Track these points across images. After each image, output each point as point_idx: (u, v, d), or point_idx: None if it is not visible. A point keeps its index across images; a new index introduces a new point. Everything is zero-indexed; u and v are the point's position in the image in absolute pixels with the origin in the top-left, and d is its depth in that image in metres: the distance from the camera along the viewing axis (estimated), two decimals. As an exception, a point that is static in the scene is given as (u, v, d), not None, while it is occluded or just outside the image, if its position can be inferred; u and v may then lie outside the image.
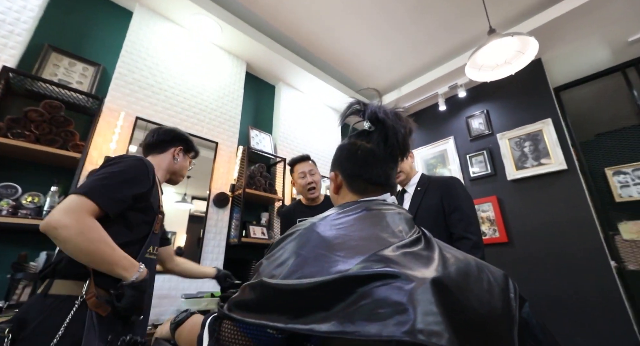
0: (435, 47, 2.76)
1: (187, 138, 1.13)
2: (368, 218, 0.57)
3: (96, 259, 0.71)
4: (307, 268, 0.44)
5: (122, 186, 0.80)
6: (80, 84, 1.70)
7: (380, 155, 0.63)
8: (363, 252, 0.46)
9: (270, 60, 2.62)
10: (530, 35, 1.60)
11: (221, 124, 2.28)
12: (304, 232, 0.52)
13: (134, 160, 0.86)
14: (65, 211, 0.69)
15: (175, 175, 1.10)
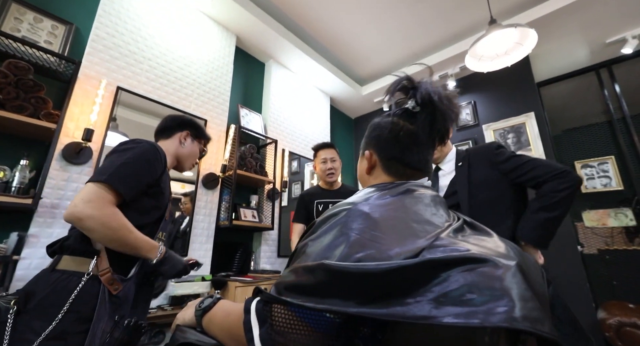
0: (428, 35, 2.75)
1: (195, 123, 1.09)
2: (412, 200, 0.56)
3: (120, 244, 0.75)
4: (365, 250, 0.41)
5: (140, 172, 0.80)
6: (49, 44, 1.49)
7: (424, 139, 0.60)
8: (420, 235, 0.44)
9: (262, 35, 2.47)
10: (530, 27, 1.63)
11: (210, 100, 2.13)
12: (351, 213, 0.49)
13: (148, 145, 0.86)
14: (87, 201, 0.70)
15: (183, 161, 1.05)
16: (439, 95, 0.58)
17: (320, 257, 0.42)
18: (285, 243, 2.43)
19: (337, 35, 2.75)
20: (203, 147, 1.12)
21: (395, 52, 2.97)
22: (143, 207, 0.83)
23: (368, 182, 0.65)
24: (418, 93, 0.58)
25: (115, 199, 0.75)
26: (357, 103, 3.66)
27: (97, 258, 0.74)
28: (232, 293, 1.66)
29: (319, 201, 1.79)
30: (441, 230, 0.47)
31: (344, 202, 0.55)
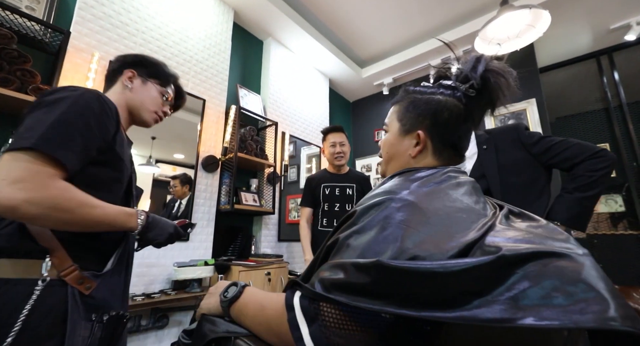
0: (431, 18, 2.67)
1: (144, 59, 0.82)
2: (455, 187, 0.53)
3: (85, 226, 0.57)
4: (419, 245, 0.38)
5: (85, 131, 0.57)
6: (31, 10, 1.35)
7: (474, 124, 0.57)
8: (470, 226, 0.42)
9: (262, 10, 2.33)
10: (544, 9, 1.58)
11: (208, 79, 2.03)
12: (396, 202, 0.45)
13: (90, 93, 0.61)
14: (14, 181, 0.48)
15: (136, 111, 0.79)
16: (504, 82, 0.53)
17: (369, 252, 0.40)
18: (285, 227, 2.42)
19: (338, 14, 2.63)
20: (165, 89, 0.83)
21: (397, 34, 2.88)
22: (98, 180, 0.62)
23: (408, 164, 0.59)
24: (477, 75, 0.53)
25: (57, 171, 0.53)
26: (356, 86, 3.57)
27: (50, 257, 0.56)
28: (236, 277, 1.65)
29: (326, 184, 1.78)
30: (488, 220, 0.45)
31: (384, 189, 0.50)
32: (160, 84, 0.83)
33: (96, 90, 0.64)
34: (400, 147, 0.61)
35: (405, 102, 0.63)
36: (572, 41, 2.78)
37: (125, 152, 0.70)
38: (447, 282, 0.33)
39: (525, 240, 0.37)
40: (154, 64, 0.83)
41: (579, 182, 0.97)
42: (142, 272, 1.50)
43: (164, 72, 0.84)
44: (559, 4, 2.31)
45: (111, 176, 0.66)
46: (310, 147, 2.87)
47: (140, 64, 0.81)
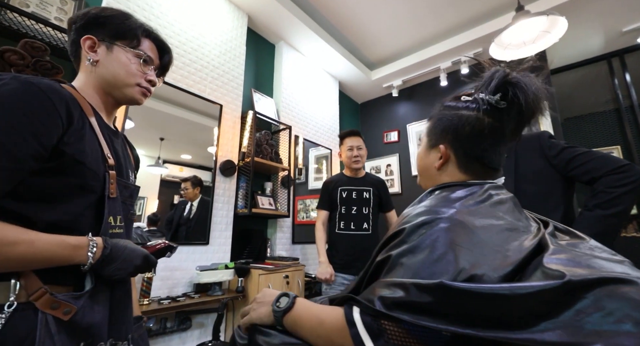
0: (442, 20, 2.67)
1: (94, 16, 0.62)
2: (498, 204, 0.54)
3: (10, 268, 0.45)
4: (477, 266, 0.40)
5: (7, 139, 0.44)
6: (60, 21, 1.38)
7: (508, 137, 0.58)
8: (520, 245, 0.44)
9: (274, 14, 2.35)
10: (561, 15, 1.59)
11: (224, 84, 2.05)
12: (445, 221, 0.47)
13: (17, 82, 0.47)
14: None
15: (113, 89, 0.63)
16: (534, 94, 0.53)
17: (425, 272, 0.42)
18: (299, 230, 2.45)
19: (349, 16, 2.64)
20: (138, 51, 0.64)
21: (408, 36, 2.89)
22: (50, 192, 0.50)
23: (436, 177, 0.63)
24: (517, 91, 0.54)
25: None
26: (365, 88, 3.59)
27: (19, 278, 0.46)
28: (256, 280, 1.68)
29: (343, 188, 1.80)
30: (534, 236, 0.47)
31: (429, 208, 0.52)
32: (129, 44, 0.63)
33: (32, 77, 0.49)
34: (427, 160, 0.65)
35: (435, 118, 0.65)
36: (584, 43, 2.78)
37: (86, 148, 0.54)
38: (513, 304, 0.35)
39: (584, 263, 0.38)
40: (112, 17, 0.62)
41: (599, 198, 0.90)
42: (165, 276, 1.54)
43: (128, 26, 0.63)
44: (571, 8, 2.31)
45: (68, 184, 0.51)
46: (318, 149, 2.89)
47: (96, 25, 0.61)
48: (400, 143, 3.43)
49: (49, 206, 0.49)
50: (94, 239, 0.52)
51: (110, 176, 0.58)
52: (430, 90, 3.32)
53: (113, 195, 0.58)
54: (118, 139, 0.67)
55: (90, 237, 0.52)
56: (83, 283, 0.53)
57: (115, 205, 0.59)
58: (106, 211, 0.56)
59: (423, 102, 3.36)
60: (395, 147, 3.46)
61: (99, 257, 0.52)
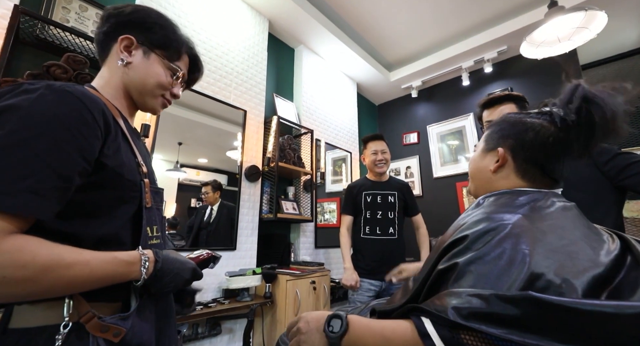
0: (464, 19, 2.60)
1: (143, 17, 0.59)
2: (563, 212, 0.53)
3: (62, 290, 0.42)
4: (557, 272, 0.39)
5: (47, 158, 0.39)
6: (95, 34, 1.43)
7: (577, 151, 0.55)
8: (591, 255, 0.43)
9: (294, 18, 2.36)
10: (600, 9, 1.51)
11: (248, 90, 2.07)
12: (513, 229, 0.46)
13: (51, 92, 0.42)
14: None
15: (137, 95, 0.60)
16: (608, 110, 0.50)
17: (500, 280, 0.40)
18: (321, 234, 2.43)
19: (368, 18, 2.61)
20: (176, 66, 0.61)
21: (428, 36, 2.83)
22: (95, 207, 0.47)
23: (491, 181, 0.61)
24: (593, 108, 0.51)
25: (13, 226, 0.37)
26: (383, 90, 3.55)
27: (71, 297, 0.44)
28: (283, 286, 1.68)
29: (367, 192, 1.78)
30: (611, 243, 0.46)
31: (490, 214, 0.51)
32: (168, 57, 0.60)
33: (65, 84, 0.45)
34: (481, 163, 0.64)
35: (495, 126, 0.65)
36: (618, 37, 2.65)
37: (122, 157, 0.51)
38: (624, 324, 0.33)
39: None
40: (161, 25, 0.59)
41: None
42: (195, 282, 1.55)
43: (175, 39, 0.61)
44: (607, 1, 2.20)
45: (108, 197, 0.49)
46: (334, 151, 2.86)
47: (141, 27, 0.58)
48: (421, 144, 3.36)
49: (93, 221, 0.47)
50: (145, 253, 0.50)
51: (145, 185, 0.55)
52: (451, 90, 3.25)
53: (149, 205, 0.56)
54: (140, 141, 0.64)
55: (142, 251, 0.50)
56: (128, 299, 0.51)
57: (151, 215, 0.57)
58: (144, 221, 0.54)
59: (444, 102, 3.29)
60: (415, 148, 3.40)
61: (152, 271, 0.50)
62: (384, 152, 1.80)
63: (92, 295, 0.46)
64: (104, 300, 0.48)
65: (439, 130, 3.24)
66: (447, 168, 3.10)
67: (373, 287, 1.62)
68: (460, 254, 0.46)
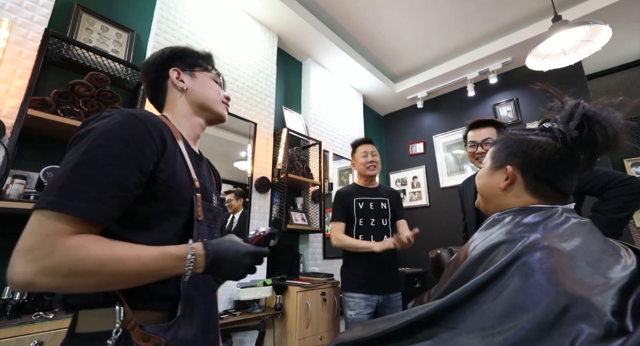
0: (469, 31, 2.66)
1: (174, 52, 0.69)
2: (580, 227, 0.54)
3: (119, 282, 0.45)
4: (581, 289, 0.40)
5: (110, 170, 0.45)
6: (116, 53, 1.50)
7: (583, 164, 0.58)
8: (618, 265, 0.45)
9: (302, 33, 2.43)
10: (604, 23, 1.55)
11: (258, 103, 2.13)
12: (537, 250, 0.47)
13: (121, 116, 0.49)
14: (27, 250, 0.40)
15: (207, 108, 0.68)
16: (610, 128, 0.53)
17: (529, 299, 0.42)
18: (330, 245, 2.43)
19: (374, 31, 2.68)
20: (213, 73, 0.72)
21: (433, 48, 2.89)
22: (146, 219, 0.51)
23: (501, 198, 0.63)
24: (594, 124, 0.54)
25: (73, 227, 0.42)
26: (389, 101, 3.60)
27: (120, 304, 0.47)
28: (294, 297, 1.68)
29: (359, 199, 1.66)
30: (628, 258, 0.48)
31: (508, 234, 0.52)
32: (205, 69, 0.70)
33: (133, 109, 0.52)
34: (491, 181, 0.65)
35: (500, 143, 0.67)
36: (623, 48, 2.67)
37: (176, 172, 0.55)
38: None
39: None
40: (186, 50, 0.70)
41: (612, 203, 1.02)
42: (207, 292, 1.56)
43: (200, 55, 0.71)
44: (611, 13, 2.24)
45: (158, 209, 0.52)
46: (341, 161, 2.88)
47: (175, 59, 0.68)
48: (427, 154, 3.38)
49: (145, 232, 0.50)
50: (194, 246, 0.50)
51: (197, 199, 0.58)
52: (457, 100, 3.28)
53: (200, 218, 0.58)
54: (203, 164, 0.69)
55: (190, 245, 0.50)
56: (174, 308, 0.52)
57: (201, 228, 0.58)
58: (195, 233, 0.55)
59: (449, 112, 3.32)
60: (422, 158, 3.41)
61: (202, 265, 0.50)
62: (374, 154, 1.71)
63: (139, 303, 0.49)
64: (150, 308, 0.50)
65: (445, 140, 3.26)
66: (454, 178, 3.10)
67: (370, 302, 1.49)
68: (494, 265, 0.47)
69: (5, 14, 1.12)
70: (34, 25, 1.17)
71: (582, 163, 0.58)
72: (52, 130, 1.16)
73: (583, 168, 0.60)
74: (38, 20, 1.19)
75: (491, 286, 0.47)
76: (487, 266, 0.50)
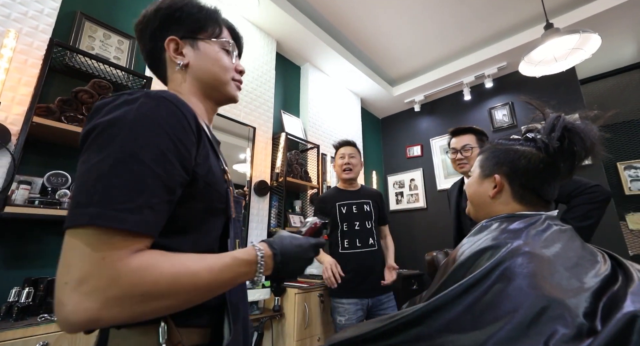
0: (466, 36, 2.71)
1: (169, 13, 0.53)
2: (560, 234, 0.58)
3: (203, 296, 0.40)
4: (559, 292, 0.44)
5: (155, 170, 0.37)
6: (117, 59, 1.53)
7: (564, 172, 0.62)
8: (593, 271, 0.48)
9: (301, 38, 2.47)
10: (594, 32, 1.59)
11: (257, 108, 2.16)
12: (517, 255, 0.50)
13: (149, 101, 0.40)
14: (82, 280, 0.31)
15: (214, 89, 0.56)
16: (588, 140, 0.58)
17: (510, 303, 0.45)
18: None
19: (372, 36, 2.73)
20: (224, 40, 0.57)
21: (430, 52, 2.94)
22: (189, 222, 0.44)
23: (490, 205, 0.67)
24: (575, 140, 0.58)
25: (131, 244, 0.34)
26: (386, 104, 3.64)
27: (166, 321, 0.41)
28: (292, 299, 1.71)
29: (341, 203, 1.65)
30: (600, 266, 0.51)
31: (494, 240, 0.56)
32: (212, 34, 0.55)
33: (160, 91, 0.42)
34: (480, 189, 0.69)
35: (487, 152, 0.71)
36: (616, 53, 2.72)
37: (207, 163, 0.47)
38: None
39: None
40: (187, 8, 0.54)
41: (575, 212, 1.03)
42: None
43: (207, 14, 0.56)
44: (603, 20, 2.29)
45: (197, 210, 0.45)
46: None
47: (173, 22, 0.53)
48: (424, 157, 3.42)
49: (184, 238, 0.43)
50: (261, 247, 0.45)
51: (231, 193, 0.50)
52: (454, 104, 3.33)
53: (234, 216, 0.50)
54: (218, 147, 0.58)
55: (257, 247, 0.45)
56: (218, 324, 0.46)
57: (236, 227, 0.52)
58: (231, 234, 0.48)
59: (446, 116, 3.37)
60: (419, 161, 3.45)
61: (271, 266, 0.46)
62: (351, 156, 1.67)
63: (182, 320, 0.42)
64: (194, 326, 0.44)
65: (442, 143, 3.30)
66: (450, 180, 3.14)
67: (360, 307, 1.49)
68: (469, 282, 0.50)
69: (11, 23, 1.15)
70: (38, 34, 1.20)
71: (563, 172, 0.63)
72: (55, 136, 1.19)
73: (563, 177, 0.64)
74: (43, 29, 1.22)
75: (476, 289, 0.50)
76: (473, 270, 0.54)
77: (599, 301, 0.44)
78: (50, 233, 1.20)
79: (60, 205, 1.13)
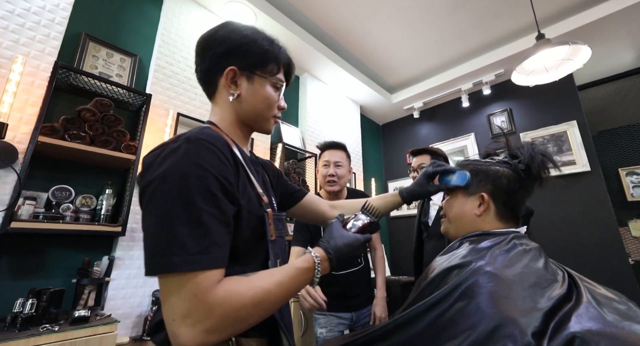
0: (463, 44, 2.73)
1: (238, 42, 0.56)
2: (524, 254, 0.60)
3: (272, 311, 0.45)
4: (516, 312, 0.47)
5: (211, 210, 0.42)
6: (119, 77, 1.60)
7: (531, 191, 0.69)
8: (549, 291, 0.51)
9: (300, 50, 2.53)
10: (584, 43, 1.60)
11: (255, 119, 2.22)
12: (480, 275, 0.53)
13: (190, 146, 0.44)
14: (185, 315, 0.38)
15: (252, 124, 0.60)
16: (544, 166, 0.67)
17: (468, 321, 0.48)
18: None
19: (370, 45, 2.77)
20: (278, 77, 0.59)
21: (428, 60, 2.97)
22: (239, 250, 0.48)
23: (475, 223, 0.69)
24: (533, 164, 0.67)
25: (214, 278, 0.40)
26: (386, 111, 3.67)
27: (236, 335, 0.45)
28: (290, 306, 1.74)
29: None
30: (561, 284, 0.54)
31: (463, 258, 0.59)
32: (270, 72, 0.58)
33: (197, 133, 0.46)
34: (465, 207, 0.71)
35: (469, 170, 0.74)
36: (614, 59, 2.72)
37: (249, 195, 0.51)
38: None
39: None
40: (256, 43, 0.56)
41: None
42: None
43: (273, 53, 0.57)
44: (596, 28, 2.30)
45: (247, 237, 0.49)
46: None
47: (238, 53, 0.55)
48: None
49: (236, 267, 0.46)
50: (317, 254, 0.50)
51: (268, 215, 0.52)
52: (452, 110, 3.34)
53: (273, 237, 0.53)
54: (258, 167, 0.61)
55: (314, 254, 0.49)
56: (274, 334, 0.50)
57: (276, 247, 0.54)
58: (271, 256, 0.51)
59: (445, 122, 3.38)
60: (419, 167, 3.46)
61: (327, 269, 0.50)
62: (337, 165, 1.39)
63: (245, 331, 0.44)
64: (254, 336, 0.48)
65: (442, 149, 3.31)
66: (450, 187, 3.15)
67: (343, 320, 1.33)
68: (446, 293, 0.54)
69: (20, 48, 1.23)
70: (45, 57, 1.28)
71: (532, 191, 0.68)
72: (60, 153, 1.26)
73: (530, 194, 0.69)
74: (49, 52, 1.30)
75: (439, 306, 0.53)
76: (441, 287, 0.57)
77: (551, 321, 0.47)
78: (53, 245, 1.26)
79: (63, 219, 1.19)
